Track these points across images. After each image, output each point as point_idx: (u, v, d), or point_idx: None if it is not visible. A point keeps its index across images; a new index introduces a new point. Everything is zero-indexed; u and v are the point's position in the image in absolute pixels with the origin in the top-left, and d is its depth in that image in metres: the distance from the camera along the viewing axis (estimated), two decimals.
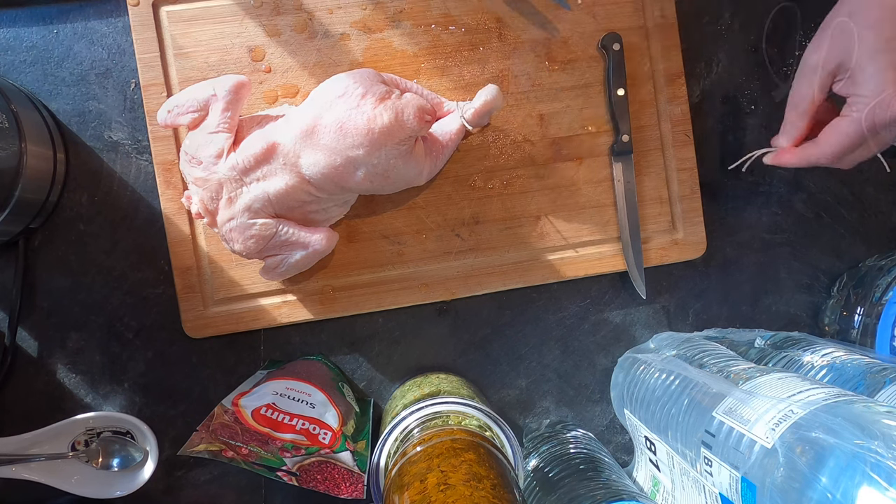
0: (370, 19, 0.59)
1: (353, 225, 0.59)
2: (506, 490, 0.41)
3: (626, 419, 0.59)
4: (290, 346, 0.61)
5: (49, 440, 0.56)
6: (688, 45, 0.62)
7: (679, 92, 0.62)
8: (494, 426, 0.50)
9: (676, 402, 0.50)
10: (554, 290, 0.63)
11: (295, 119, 0.51)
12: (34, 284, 0.58)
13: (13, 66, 0.58)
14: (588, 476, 0.52)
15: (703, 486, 0.46)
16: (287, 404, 0.52)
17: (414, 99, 0.50)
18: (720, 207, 0.64)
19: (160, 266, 0.59)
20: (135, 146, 0.59)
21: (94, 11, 0.58)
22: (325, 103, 0.50)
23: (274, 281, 0.58)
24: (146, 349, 0.59)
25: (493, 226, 0.61)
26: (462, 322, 0.62)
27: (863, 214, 0.66)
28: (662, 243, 0.62)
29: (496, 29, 0.60)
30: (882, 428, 0.35)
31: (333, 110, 0.50)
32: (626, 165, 0.61)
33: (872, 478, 0.33)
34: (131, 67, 0.58)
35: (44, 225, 0.58)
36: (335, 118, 0.49)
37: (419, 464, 0.44)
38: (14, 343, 0.57)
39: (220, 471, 0.60)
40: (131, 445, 0.57)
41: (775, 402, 0.41)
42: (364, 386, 0.62)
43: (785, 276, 0.65)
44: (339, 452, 0.50)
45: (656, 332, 0.64)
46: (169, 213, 0.58)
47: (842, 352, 0.52)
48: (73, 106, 0.59)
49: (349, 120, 0.49)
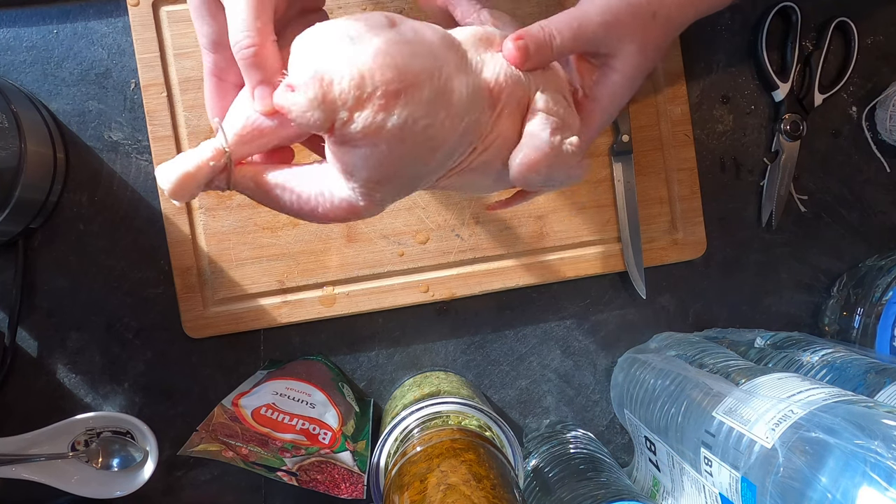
0: None
1: (353, 225, 0.59)
2: (506, 490, 0.41)
3: (626, 419, 0.59)
4: (290, 346, 0.61)
5: (49, 440, 0.56)
6: (688, 45, 0.62)
7: (679, 92, 0.62)
8: (494, 426, 0.50)
9: (676, 402, 0.50)
10: (554, 290, 0.63)
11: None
12: (34, 284, 0.58)
13: (13, 66, 0.58)
14: (588, 476, 0.52)
15: (703, 486, 0.46)
16: (287, 404, 0.52)
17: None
18: (720, 207, 0.64)
19: (160, 266, 0.59)
20: (135, 146, 0.59)
21: (94, 11, 0.58)
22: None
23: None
24: (146, 349, 0.59)
25: (493, 226, 0.61)
26: (462, 322, 0.62)
27: (863, 214, 0.66)
28: (662, 243, 0.62)
29: None
30: (882, 428, 0.35)
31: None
32: (626, 165, 0.61)
33: (872, 478, 0.33)
34: (131, 67, 0.58)
35: (44, 225, 0.58)
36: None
37: (419, 464, 0.44)
38: (14, 343, 0.57)
39: (220, 471, 0.60)
40: (131, 445, 0.57)
41: (775, 402, 0.41)
42: (364, 386, 0.62)
43: (785, 276, 0.65)
44: (339, 452, 0.50)
45: (656, 332, 0.64)
46: (169, 213, 0.58)
47: (842, 352, 0.52)
48: (73, 106, 0.59)
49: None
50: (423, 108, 0.32)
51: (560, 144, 0.37)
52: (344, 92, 0.31)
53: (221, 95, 0.38)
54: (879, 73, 0.65)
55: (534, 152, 0.37)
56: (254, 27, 0.34)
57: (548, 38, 0.38)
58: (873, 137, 0.65)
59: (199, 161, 0.34)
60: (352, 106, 0.31)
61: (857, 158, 0.65)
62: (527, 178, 0.38)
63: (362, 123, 0.32)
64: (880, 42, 0.65)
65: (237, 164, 0.36)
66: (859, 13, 0.63)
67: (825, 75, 0.64)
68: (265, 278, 0.59)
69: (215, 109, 0.38)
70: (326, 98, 0.31)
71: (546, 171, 0.37)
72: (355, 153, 0.33)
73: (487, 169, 0.38)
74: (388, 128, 0.32)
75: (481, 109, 0.36)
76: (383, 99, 0.31)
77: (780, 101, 0.63)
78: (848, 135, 0.65)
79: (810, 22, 0.64)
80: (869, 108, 0.64)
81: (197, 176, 0.34)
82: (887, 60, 0.65)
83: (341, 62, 0.31)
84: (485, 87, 0.35)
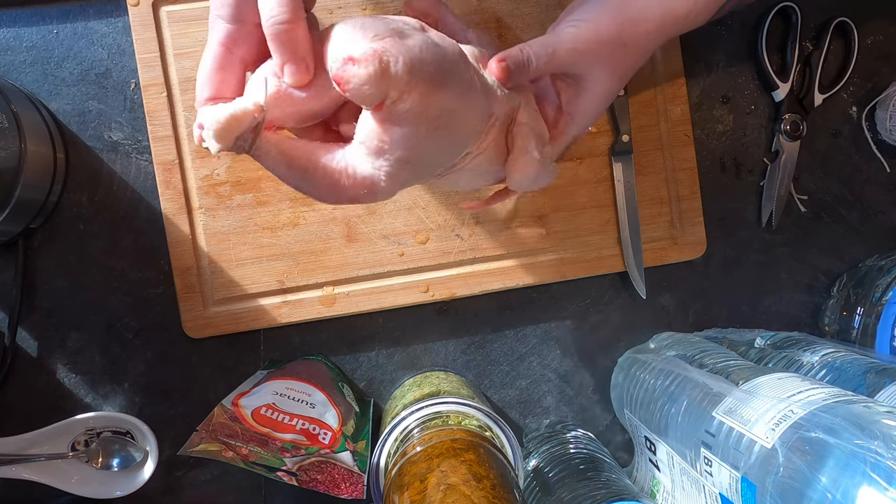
0: None
1: (354, 225, 0.59)
2: (506, 490, 0.41)
3: (625, 419, 0.59)
4: (290, 346, 0.61)
5: (49, 440, 0.56)
6: (688, 45, 0.62)
7: (679, 92, 0.62)
8: (494, 426, 0.50)
9: (676, 402, 0.50)
10: (554, 290, 0.63)
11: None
12: (34, 284, 0.58)
13: (13, 66, 0.58)
14: (588, 476, 0.52)
15: (703, 486, 0.46)
16: (287, 404, 0.52)
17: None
18: (720, 207, 0.64)
19: (160, 266, 0.59)
20: (135, 146, 0.59)
21: (94, 11, 0.58)
22: None
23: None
24: (146, 349, 0.59)
25: (493, 226, 0.61)
26: (462, 322, 0.62)
27: (863, 214, 0.66)
28: (662, 243, 0.62)
29: (496, 29, 0.60)
30: (882, 428, 0.35)
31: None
32: (626, 165, 0.61)
33: (872, 478, 0.33)
34: (131, 67, 0.58)
35: (44, 225, 0.58)
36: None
37: (419, 464, 0.44)
38: (14, 343, 0.57)
39: (220, 471, 0.60)
40: (131, 445, 0.57)
41: (775, 402, 0.41)
42: (364, 386, 0.62)
43: (785, 276, 0.65)
44: (339, 452, 0.50)
45: (656, 332, 0.64)
46: (169, 213, 0.58)
47: (842, 352, 0.52)
48: (73, 106, 0.59)
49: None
50: (457, 102, 0.37)
51: (543, 156, 0.44)
52: (399, 73, 0.34)
53: (225, 67, 0.37)
54: (879, 73, 0.65)
55: (529, 165, 0.43)
56: (290, 4, 0.34)
57: (526, 60, 0.43)
58: (873, 137, 0.65)
59: (244, 108, 0.34)
60: (404, 87, 0.34)
61: (857, 158, 0.65)
62: (521, 183, 0.44)
63: (411, 104, 0.35)
64: (880, 42, 0.65)
65: (266, 127, 0.36)
66: (859, 13, 0.63)
67: (825, 75, 0.64)
68: (265, 278, 0.59)
69: (214, 81, 0.37)
70: (385, 74, 0.33)
71: (535, 177, 0.44)
72: (396, 131, 0.35)
73: (477, 170, 0.43)
74: (431, 112, 0.36)
75: (485, 115, 0.40)
76: (431, 86, 0.35)
77: (780, 101, 0.63)
78: (848, 135, 0.65)
79: (810, 22, 0.64)
80: (869, 108, 0.64)
81: (242, 121, 0.34)
82: (887, 60, 0.65)
83: (396, 47, 0.34)
84: (491, 91, 0.40)
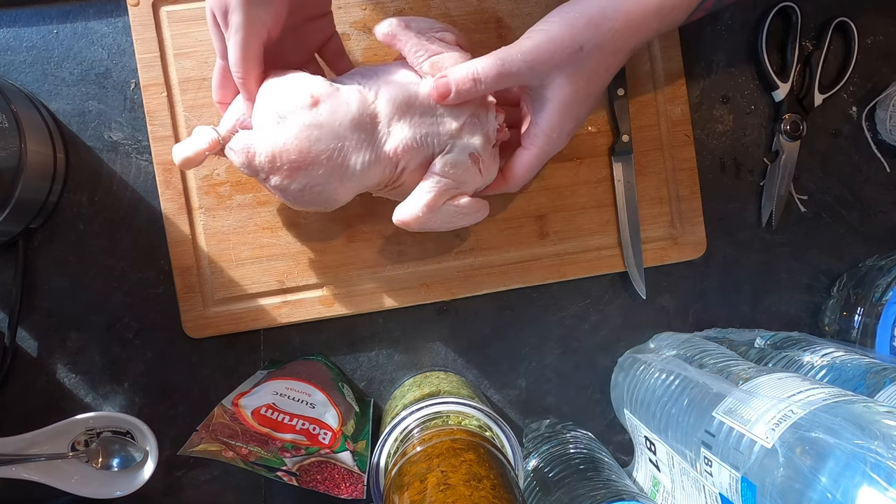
0: (370, 19, 0.59)
1: (353, 225, 0.59)
2: (506, 490, 0.41)
3: (625, 419, 0.59)
4: (290, 346, 0.61)
5: (49, 440, 0.56)
6: (688, 45, 0.62)
7: (679, 92, 0.62)
8: (494, 426, 0.50)
9: (676, 402, 0.50)
10: (554, 290, 0.63)
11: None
12: (34, 284, 0.58)
13: (13, 66, 0.58)
14: (588, 476, 0.52)
15: (703, 486, 0.46)
16: (287, 404, 0.52)
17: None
18: (720, 207, 0.64)
19: (160, 266, 0.59)
20: (135, 146, 0.59)
21: (94, 11, 0.58)
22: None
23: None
24: (146, 349, 0.59)
25: (492, 226, 0.61)
26: (462, 322, 0.62)
27: (863, 214, 0.66)
28: (662, 243, 0.62)
29: (496, 29, 0.60)
30: (882, 428, 0.35)
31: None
32: (626, 165, 0.61)
33: (872, 478, 0.33)
34: (131, 67, 0.58)
35: (44, 225, 0.58)
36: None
37: (419, 464, 0.44)
38: (14, 343, 0.57)
39: (220, 471, 0.60)
40: (131, 445, 0.57)
41: (775, 402, 0.41)
42: (364, 386, 0.62)
43: (785, 276, 0.65)
44: (339, 452, 0.50)
45: (656, 332, 0.64)
46: (169, 213, 0.58)
47: (842, 352, 0.52)
48: (73, 106, 0.59)
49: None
50: (318, 179, 0.46)
51: (436, 202, 0.49)
52: (262, 163, 0.46)
53: (225, 85, 0.51)
54: (879, 73, 0.65)
55: (405, 213, 0.49)
56: (241, 62, 0.46)
57: (473, 77, 0.46)
58: (873, 137, 0.65)
59: (197, 149, 0.49)
60: (267, 172, 0.46)
61: (857, 158, 0.65)
62: (400, 221, 0.49)
63: (273, 184, 0.47)
64: (880, 42, 0.65)
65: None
66: (859, 13, 0.63)
67: (825, 75, 0.64)
68: (265, 278, 0.59)
69: (218, 94, 0.51)
70: (251, 165, 0.47)
71: (417, 225, 0.49)
72: (274, 191, 0.48)
73: (405, 195, 0.50)
74: (291, 189, 0.47)
75: (381, 171, 0.48)
76: (288, 171, 0.46)
77: (780, 101, 0.63)
78: (848, 135, 0.65)
79: (810, 22, 0.64)
80: (869, 108, 0.64)
81: (196, 159, 0.49)
82: (887, 60, 0.65)
83: (265, 140, 0.46)
84: (384, 157, 0.47)
